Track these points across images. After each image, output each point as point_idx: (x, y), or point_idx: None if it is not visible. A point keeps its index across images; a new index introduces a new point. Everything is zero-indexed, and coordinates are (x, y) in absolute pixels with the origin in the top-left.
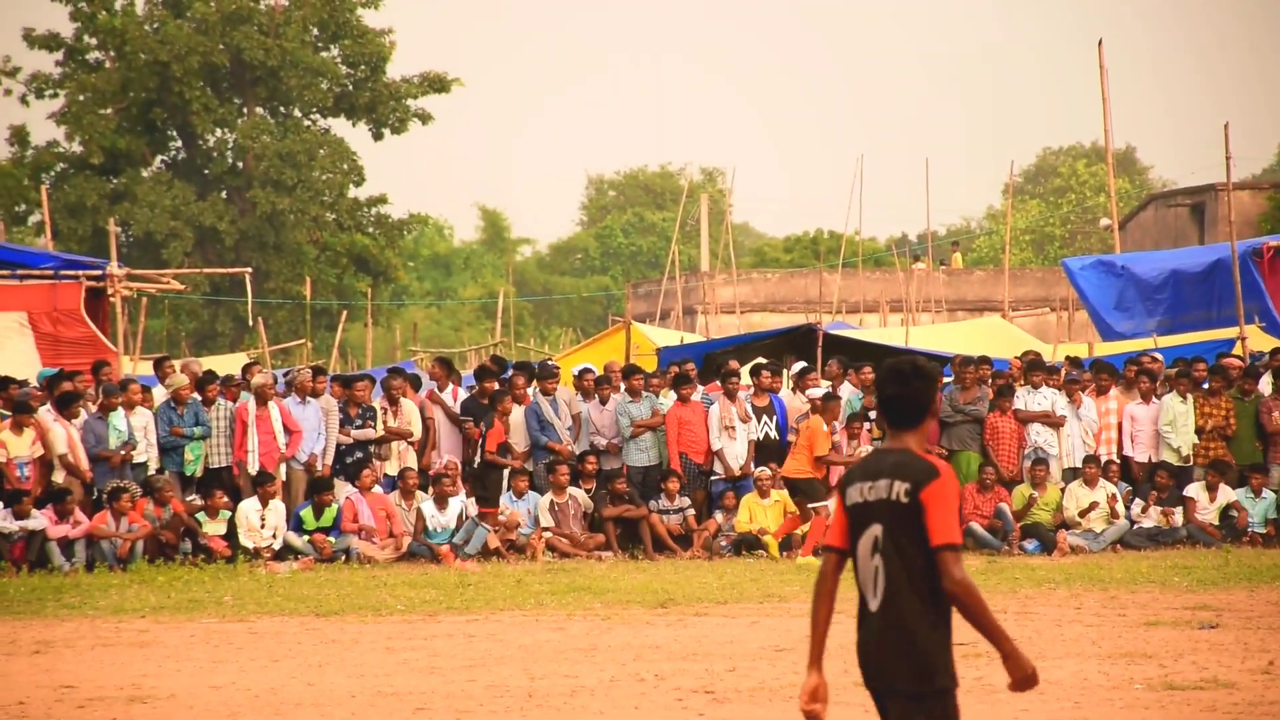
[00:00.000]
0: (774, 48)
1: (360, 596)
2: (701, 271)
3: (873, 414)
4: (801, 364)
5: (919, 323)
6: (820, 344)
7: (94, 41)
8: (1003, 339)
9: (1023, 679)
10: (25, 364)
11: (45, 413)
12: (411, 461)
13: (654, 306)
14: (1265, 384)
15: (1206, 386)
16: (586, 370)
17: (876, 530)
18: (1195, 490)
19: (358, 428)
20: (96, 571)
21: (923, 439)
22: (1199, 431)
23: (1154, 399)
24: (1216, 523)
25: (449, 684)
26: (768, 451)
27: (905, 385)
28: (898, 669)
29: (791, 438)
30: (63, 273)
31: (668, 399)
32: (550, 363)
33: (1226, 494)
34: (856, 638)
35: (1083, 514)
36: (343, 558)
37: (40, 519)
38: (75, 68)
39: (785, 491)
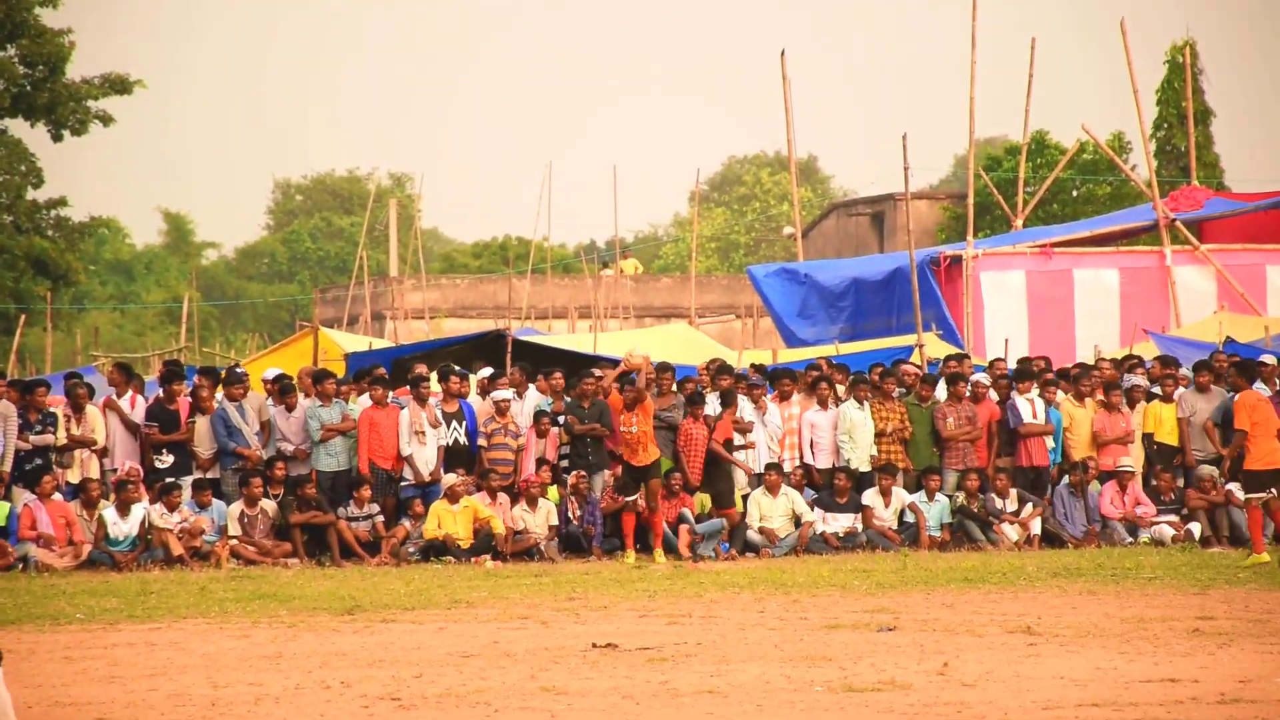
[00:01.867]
0: (462, 51)
1: (38, 605)
2: (390, 277)
3: (561, 418)
4: (489, 369)
5: (607, 329)
6: (510, 349)
7: None
8: (690, 345)
9: None
10: None
11: None
12: (94, 469)
13: (342, 312)
14: (941, 390)
15: (880, 388)
16: (282, 376)
17: None
18: (870, 496)
19: (37, 434)
20: None
21: None
22: (878, 435)
23: (832, 405)
24: (895, 526)
25: (130, 693)
26: (457, 457)
27: None
28: None
29: (482, 442)
30: None
31: (358, 405)
32: (238, 368)
33: (901, 497)
34: None
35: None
36: (20, 566)
37: None
38: None
39: (475, 498)
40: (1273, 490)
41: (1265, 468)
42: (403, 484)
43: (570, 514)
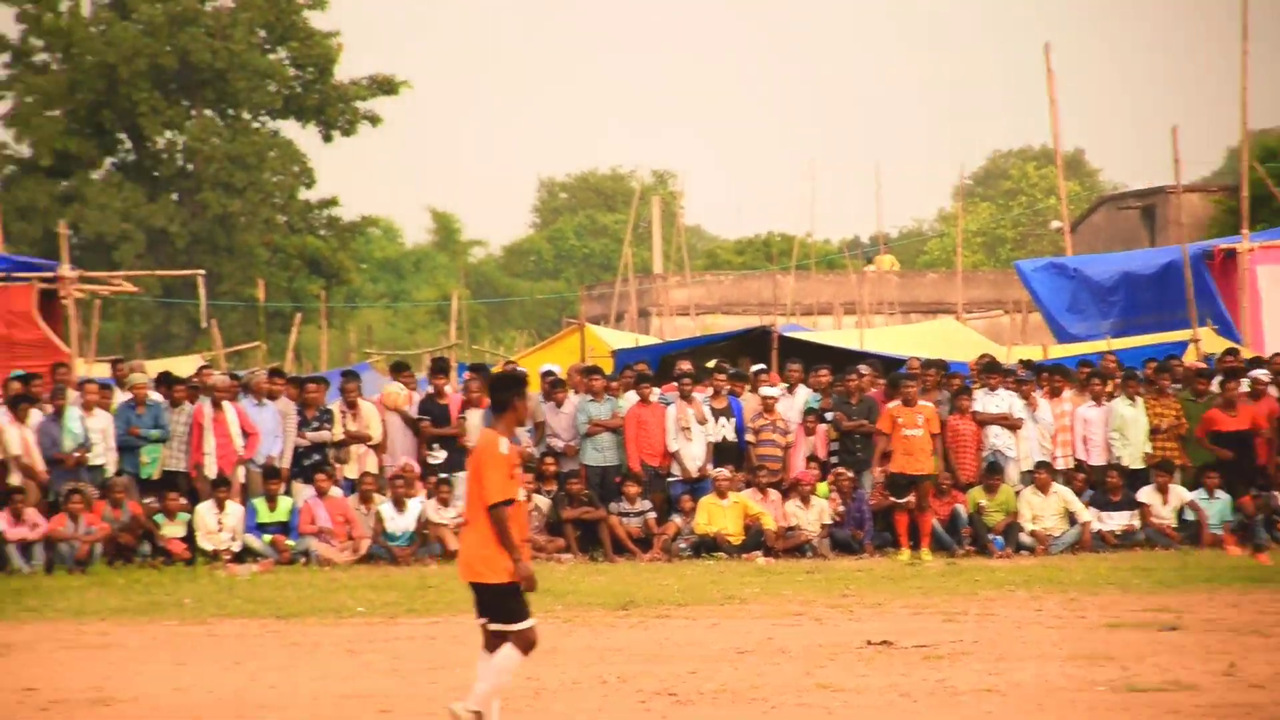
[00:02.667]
0: (727, 49)
1: (321, 599)
2: (655, 274)
3: (829, 414)
4: (758, 366)
5: (873, 325)
6: (775, 346)
7: (40, 43)
8: (957, 341)
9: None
10: None
11: (1, 416)
12: (370, 464)
13: (608, 309)
14: (1216, 386)
15: (1154, 384)
16: (549, 372)
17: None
18: (1148, 494)
19: (314, 430)
20: (55, 574)
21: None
22: (1154, 432)
23: (1105, 401)
24: (1175, 525)
25: (412, 686)
26: (727, 453)
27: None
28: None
29: (750, 438)
30: (14, 275)
31: (627, 402)
32: (513, 366)
33: (1180, 494)
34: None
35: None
36: (302, 560)
37: None
38: (22, 70)
39: (745, 494)
40: None
41: None
42: (670, 480)
43: (834, 511)
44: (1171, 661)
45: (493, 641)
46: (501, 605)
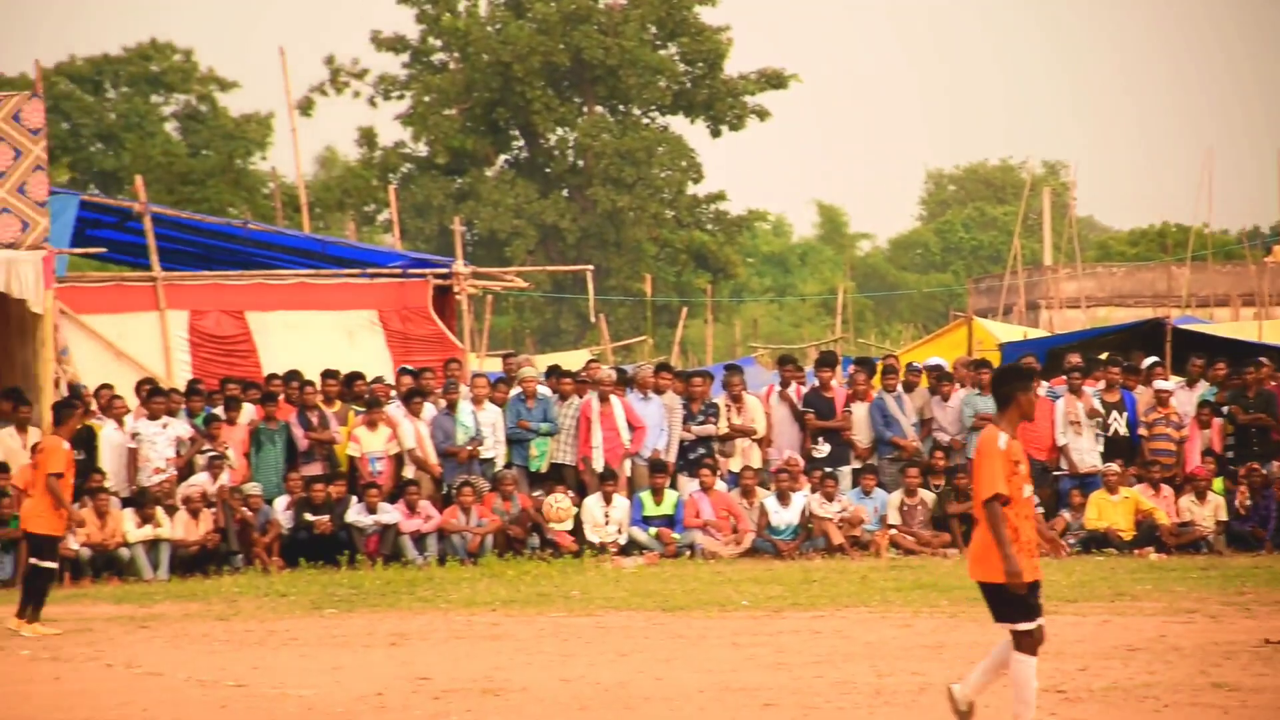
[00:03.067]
0: (1114, 38)
1: (705, 592)
2: (1044, 266)
3: (1225, 408)
4: (1151, 359)
5: (1273, 316)
6: (1169, 338)
7: (438, 43)
8: None
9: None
10: (377, 361)
11: (395, 408)
12: (755, 459)
13: (995, 302)
14: None
15: None
16: (936, 366)
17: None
18: None
19: (699, 424)
20: (448, 565)
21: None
22: None
23: None
24: None
25: (796, 679)
26: (1119, 448)
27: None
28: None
29: (1143, 432)
30: (410, 271)
31: None
32: (893, 358)
33: None
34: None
35: None
36: (686, 553)
37: (394, 513)
38: (420, 69)
39: (1136, 489)
40: None
41: None
42: (1058, 474)
43: (1238, 506)
44: None
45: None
46: (999, 603)
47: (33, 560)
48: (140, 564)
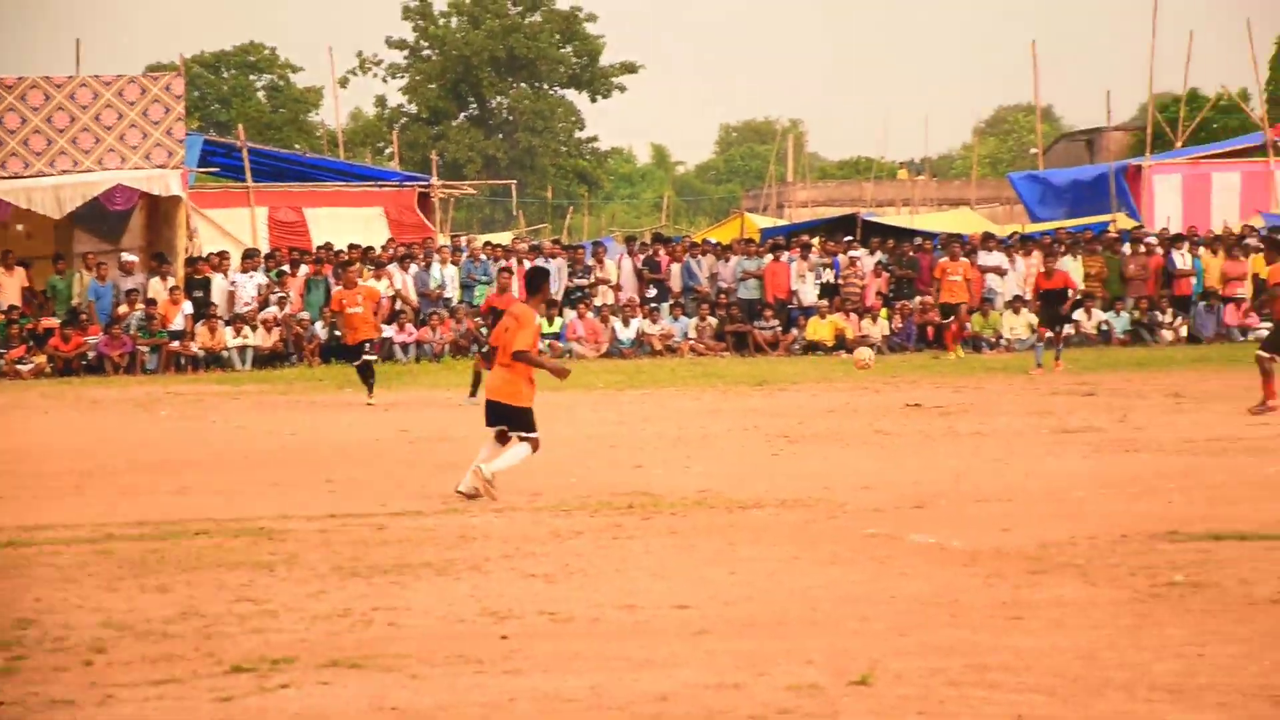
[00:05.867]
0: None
1: (577, 379)
2: (787, 182)
3: (889, 267)
4: (849, 238)
5: (920, 213)
6: (860, 226)
7: (426, 44)
8: (972, 222)
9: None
10: (382, 238)
11: (394, 268)
12: (610, 298)
13: (759, 204)
14: (1126, 249)
15: (1088, 249)
16: (720, 243)
17: None
18: (1080, 314)
19: (579, 277)
20: (421, 363)
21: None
22: (1086, 276)
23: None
24: (1094, 333)
25: (631, 431)
26: (827, 290)
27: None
28: None
29: (841, 281)
30: (404, 183)
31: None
32: (688, 238)
33: (1098, 315)
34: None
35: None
36: (567, 355)
37: (389, 330)
38: (414, 59)
39: (835, 315)
40: None
41: None
42: (790, 307)
43: (893, 327)
44: (1088, 414)
45: (503, 437)
46: (519, 421)
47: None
48: (234, 361)
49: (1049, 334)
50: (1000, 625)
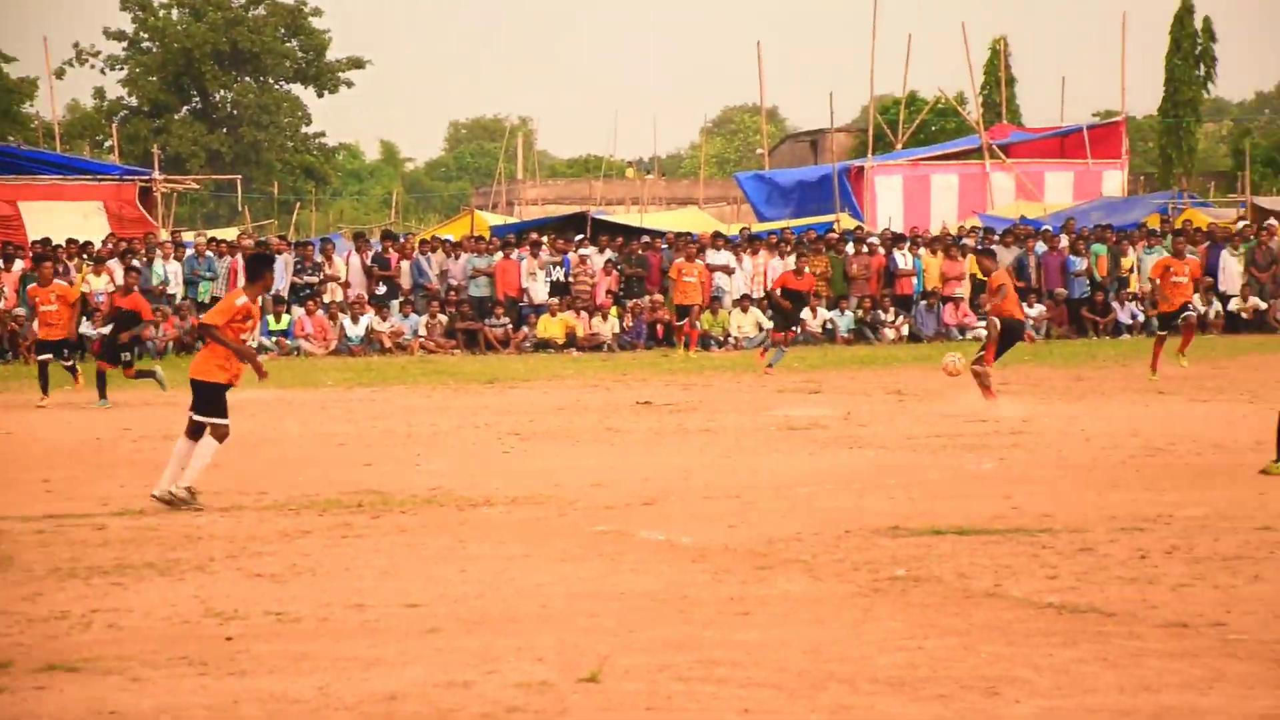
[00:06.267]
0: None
1: (306, 377)
2: (517, 179)
3: (619, 265)
4: (579, 236)
5: (648, 212)
6: (590, 224)
7: (145, 35)
8: (700, 222)
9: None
10: (101, 233)
11: (114, 263)
12: (339, 295)
13: (488, 201)
14: (850, 249)
15: (814, 248)
16: (449, 239)
17: None
18: (805, 312)
19: (307, 274)
20: (144, 360)
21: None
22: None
23: (785, 256)
24: (819, 331)
25: (360, 429)
26: (558, 288)
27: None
28: None
29: (571, 279)
30: (125, 177)
31: (497, 258)
32: (413, 234)
33: (822, 313)
34: None
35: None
36: (295, 353)
37: (109, 328)
38: (134, 51)
39: (566, 314)
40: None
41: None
42: (522, 305)
43: (624, 324)
44: (814, 411)
45: (195, 430)
46: (206, 401)
47: None
48: None
49: (781, 335)
50: (728, 621)
